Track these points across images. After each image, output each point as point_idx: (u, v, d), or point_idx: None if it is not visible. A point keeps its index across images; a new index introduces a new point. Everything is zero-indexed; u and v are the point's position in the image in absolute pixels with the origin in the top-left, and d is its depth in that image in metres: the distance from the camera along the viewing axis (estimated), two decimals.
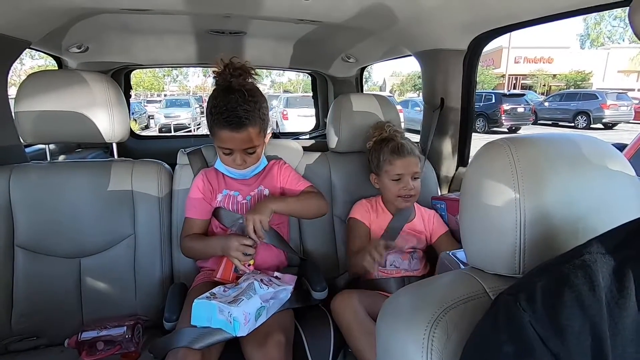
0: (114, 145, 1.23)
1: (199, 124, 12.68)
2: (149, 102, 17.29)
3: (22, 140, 1.18)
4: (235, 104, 0.97)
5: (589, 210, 0.49)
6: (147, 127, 13.29)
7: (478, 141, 1.51)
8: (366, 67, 2.39)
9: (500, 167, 0.50)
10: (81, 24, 1.42)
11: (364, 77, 2.54)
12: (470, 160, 0.59)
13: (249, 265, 1.01)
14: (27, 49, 1.29)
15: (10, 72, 1.24)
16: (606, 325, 0.34)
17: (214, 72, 1.03)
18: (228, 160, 1.06)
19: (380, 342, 0.54)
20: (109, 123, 1.13)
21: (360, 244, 1.17)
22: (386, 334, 0.53)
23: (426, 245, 1.25)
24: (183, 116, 12.31)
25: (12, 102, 1.17)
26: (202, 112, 14.39)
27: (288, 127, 9.07)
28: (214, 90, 1.03)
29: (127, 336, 1.01)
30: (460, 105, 1.45)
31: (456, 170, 1.57)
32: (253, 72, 1.04)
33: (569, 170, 0.49)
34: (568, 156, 0.50)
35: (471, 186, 0.56)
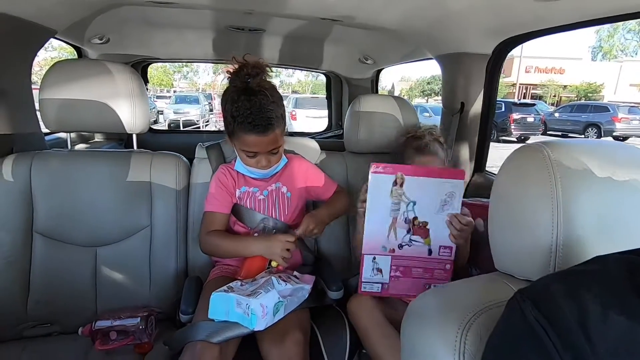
0: (134, 137, 1.23)
1: (207, 121, 12.73)
2: (158, 97, 17.41)
3: (45, 128, 1.19)
4: (260, 107, 0.93)
5: (626, 219, 0.48)
6: (156, 122, 13.38)
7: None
8: (383, 69, 2.39)
9: (537, 170, 0.50)
10: (104, 15, 1.43)
11: None
12: (502, 163, 0.58)
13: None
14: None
15: None
16: (609, 347, 0.32)
17: (228, 72, 0.98)
18: (252, 162, 1.04)
19: (407, 344, 0.53)
20: (131, 114, 1.13)
21: None
22: (413, 336, 0.52)
23: None
24: (192, 113, 12.37)
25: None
26: (211, 110, 14.46)
27: (296, 127, 9.10)
28: (230, 92, 0.97)
29: (140, 327, 1.00)
30: (481, 111, 1.44)
31: (472, 176, 1.55)
32: (268, 69, 1.00)
33: (606, 177, 0.48)
34: (605, 162, 0.49)
35: (504, 188, 0.55)
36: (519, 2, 0.99)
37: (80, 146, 1.84)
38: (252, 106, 0.93)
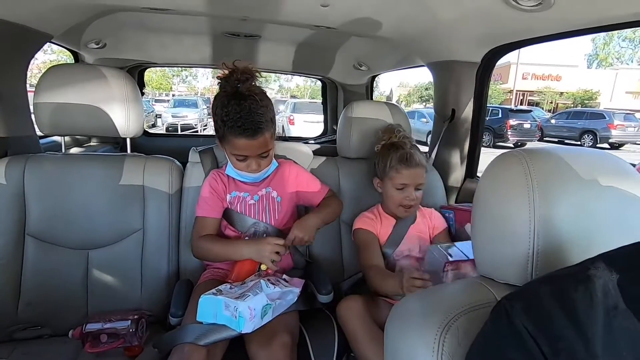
0: (128, 141, 1.24)
1: (206, 125, 12.75)
2: (157, 101, 17.42)
3: (39, 131, 1.20)
4: (249, 111, 0.95)
5: (602, 226, 0.49)
6: (154, 125, 13.38)
7: (484, 155, 1.53)
8: (377, 75, 2.41)
9: (515, 178, 0.51)
10: (101, 20, 1.45)
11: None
12: (484, 169, 0.60)
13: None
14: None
15: None
16: (599, 342, 0.34)
17: (218, 77, 1.01)
18: (242, 166, 1.05)
19: (389, 346, 0.54)
20: (124, 118, 1.14)
21: (374, 256, 1.15)
22: (395, 337, 0.53)
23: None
24: (190, 116, 12.36)
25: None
26: (209, 114, 14.44)
27: (294, 132, 9.10)
28: (220, 97, 1.00)
29: (131, 330, 1.00)
30: (471, 118, 1.46)
31: (463, 181, 1.57)
32: (258, 74, 1.03)
33: (584, 185, 0.50)
34: (584, 170, 0.51)
35: (485, 195, 0.56)
36: (506, 13, 1.01)
37: (75, 150, 1.85)
38: (241, 110, 0.95)
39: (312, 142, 2.67)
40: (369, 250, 1.16)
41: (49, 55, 12.92)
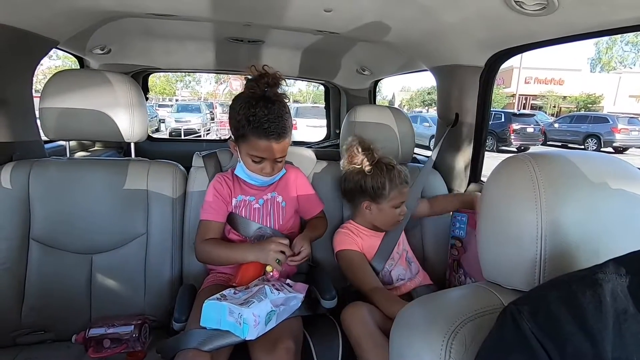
0: (132, 145, 1.25)
1: (209, 130, 12.78)
2: (160, 106, 17.56)
3: (44, 136, 1.21)
4: (276, 115, 0.98)
5: (610, 230, 0.49)
6: (157, 130, 13.47)
7: (487, 159, 1.52)
8: (380, 80, 2.42)
9: (522, 182, 0.51)
10: (106, 26, 1.46)
11: None
12: (490, 173, 0.59)
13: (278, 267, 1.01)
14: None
15: None
16: (609, 346, 0.34)
17: (246, 78, 1.03)
18: (256, 168, 1.05)
19: (394, 353, 0.54)
20: (129, 123, 1.15)
21: (371, 276, 1.13)
22: (401, 344, 0.53)
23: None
24: (193, 121, 12.42)
25: None
26: (212, 119, 14.56)
27: (297, 136, 9.09)
28: (245, 97, 1.00)
29: (134, 335, 1.00)
30: (475, 122, 1.46)
31: (467, 186, 1.56)
32: (284, 82, 1.05)
33: (592, 188, 0.49)
34: (591, 174, 0.50)
35: (491, 199, 0.56)
36: (510, 17, 1.01)
37: (79, 154, 1.86)
38: (270, 113, 0.97)
39: (315, 146, 2.67)
40: (365, 271, 1.15)
41: (55, 60, 13.06)
